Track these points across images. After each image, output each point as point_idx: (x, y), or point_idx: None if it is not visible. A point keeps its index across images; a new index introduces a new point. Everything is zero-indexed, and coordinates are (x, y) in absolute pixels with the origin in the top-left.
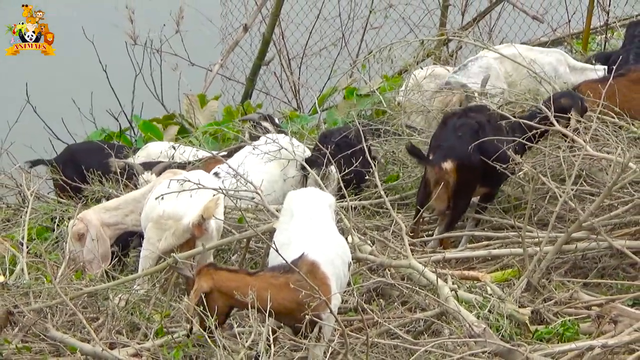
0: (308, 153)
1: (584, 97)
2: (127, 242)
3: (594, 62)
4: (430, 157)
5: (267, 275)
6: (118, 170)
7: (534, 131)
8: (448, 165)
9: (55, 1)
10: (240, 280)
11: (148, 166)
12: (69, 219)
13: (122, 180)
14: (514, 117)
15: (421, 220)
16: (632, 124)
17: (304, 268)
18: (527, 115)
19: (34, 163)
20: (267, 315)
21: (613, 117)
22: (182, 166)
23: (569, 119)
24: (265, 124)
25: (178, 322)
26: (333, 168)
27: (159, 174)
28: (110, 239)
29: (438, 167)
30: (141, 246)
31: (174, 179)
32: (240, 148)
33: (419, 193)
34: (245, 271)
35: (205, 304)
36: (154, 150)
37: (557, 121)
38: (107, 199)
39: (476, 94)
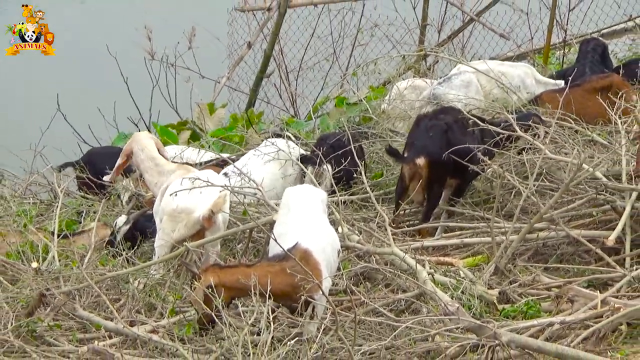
0: (302, 153)
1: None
2: (145, 230)
3: (555, 77)
4: (405, 155)
5: (265, 265)
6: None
7: (501, 135)
8: (421, 161)
9: (82, 23)
10: (242, 272)
11: None
12: (94, 212)
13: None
14: (484, 122)
15: (402, 212)
16: (587, 129)
17: (297, 255)
18: (496, 122)
19: (62, 167)
20: (267, 297)
21: (570, 123)
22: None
23: (529, 126)
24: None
25: (189, 303)
26: (328, 167)
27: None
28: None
29: (412, 163)
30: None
31: (186, 177)
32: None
33: (397, 187)
34: (244, 264)
35: (209, 296)
36: (170, 152)
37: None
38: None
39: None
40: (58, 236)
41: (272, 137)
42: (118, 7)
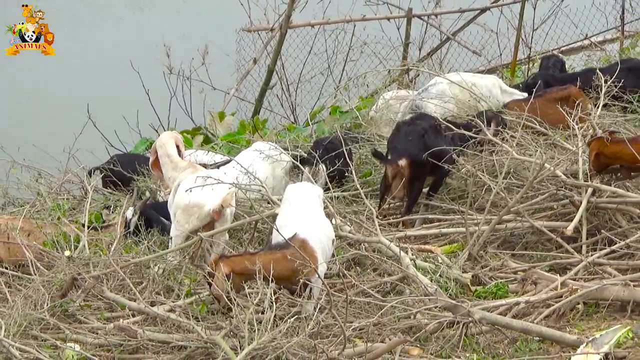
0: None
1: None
2: (151, 221)
3: (520, 88)
4: (389, 157)
5: (267, 252)
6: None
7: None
8: (403, 162)
9: (108, 42)
10: (248, 259)
11: None
12: (119, 207)
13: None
14: (458, 127)
15: (385, 206)
16: (549, 133)
17: (297, 244)
18: (465, 125)
19: (91, 171)
20: (270, 280)
21: (534, 127)
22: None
23: (498, 131)
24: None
25: (203, 285)
26: (322, 167)
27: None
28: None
29: (395, 164)
30: (164, 230)
31: (199, 175)
32: None
33: (381, 186)
34: (248, 253)
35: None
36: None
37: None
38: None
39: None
40: (88, 227)
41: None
42: (141, 27)
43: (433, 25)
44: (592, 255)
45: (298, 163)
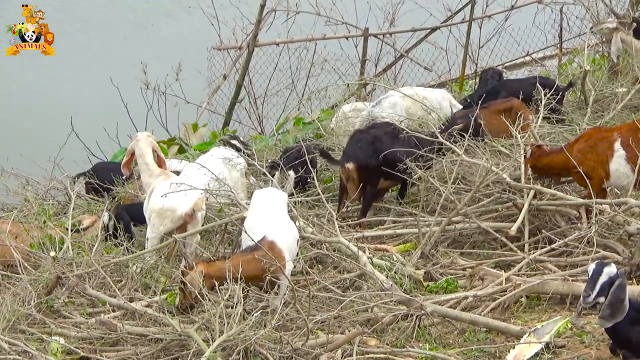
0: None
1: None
2: (126, 221)
3: (466, 102)
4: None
5: (239, 256)
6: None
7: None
8: (350, 165)
9: (91, 61)
10: (223, 263)
11: None
12: (101, 211)
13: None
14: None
15: (344, 209)
16: (493, 141)
17: (265, 246)
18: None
19: (77, 177)
20: (240, 279)
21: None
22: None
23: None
24: (234, 142)
25: (177, 282)
26: (292, 173)
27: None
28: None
29: (343, 167)
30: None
31: (172, 181)
32: None
33: (339, 188)
34: (224, 257)
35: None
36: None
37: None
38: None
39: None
40: (71, 230)
41: (227, 142)
42: (119, 47)
43: (388, 44)
44: (534, 253)
45: (265, 171)
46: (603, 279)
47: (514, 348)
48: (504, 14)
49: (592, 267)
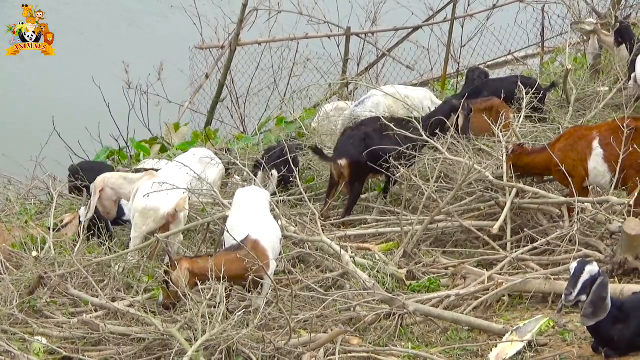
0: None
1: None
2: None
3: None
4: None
5: (223, 254)
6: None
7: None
8: (343, 162)
9: (72, 59)
10: (206, 261)
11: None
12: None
13: None
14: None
15: (330, 207)
16: (475, 139)
17: (249, 245)
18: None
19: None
20: (223, 279)
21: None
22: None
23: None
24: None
25: (159, 282)
26: (275, 172)
27: None
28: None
29: (335, 164)
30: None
31: (155, 181)
32: None
33: (329, 184)
34: (207, 255)
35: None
36: (149, 164)
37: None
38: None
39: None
40: (53, 230)
41: (225, 151)
42: (100, 46)
43: (370, 43)
44: (516, 251)
45: (248, 171)
46: (585, 277)
47: (496, 347)
48: (486, 13)
49: (574, 265)
